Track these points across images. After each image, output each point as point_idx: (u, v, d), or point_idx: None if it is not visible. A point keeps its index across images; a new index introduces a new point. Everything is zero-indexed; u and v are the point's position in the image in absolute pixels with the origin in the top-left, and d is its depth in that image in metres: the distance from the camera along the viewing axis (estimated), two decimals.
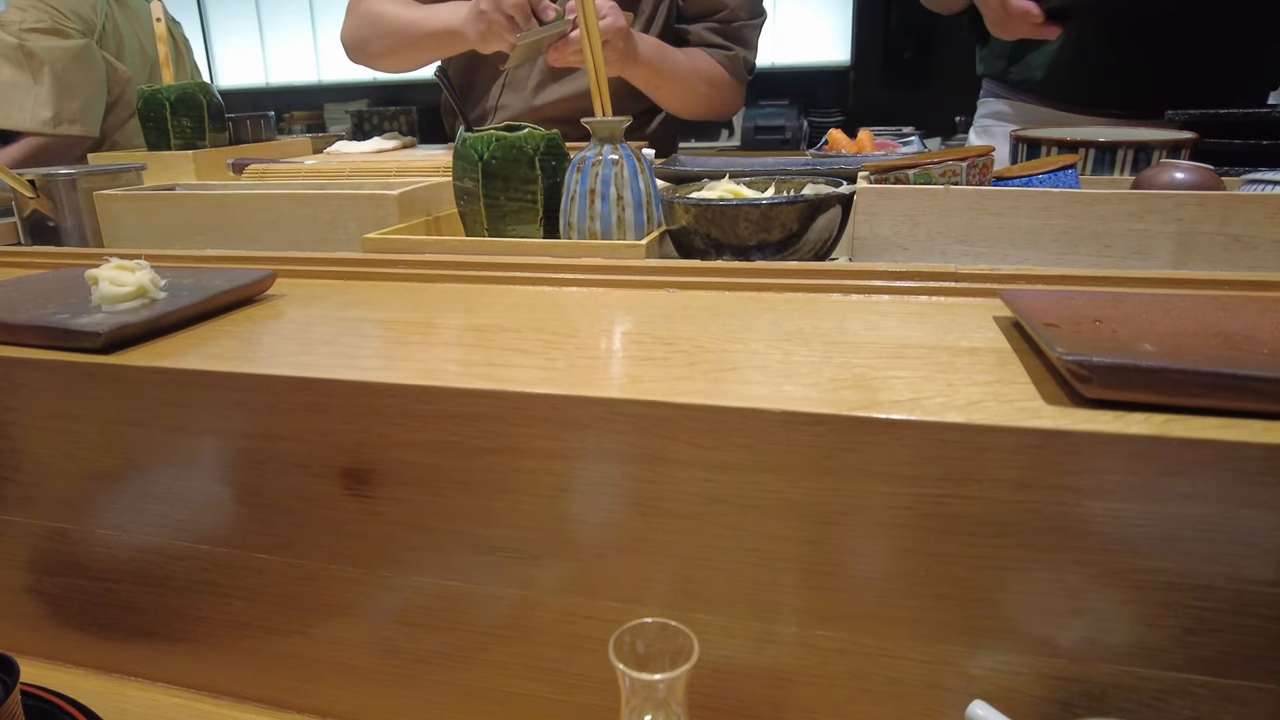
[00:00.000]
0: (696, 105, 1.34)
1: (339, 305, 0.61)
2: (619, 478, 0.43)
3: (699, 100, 1.33)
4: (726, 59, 1.32)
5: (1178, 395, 0.37)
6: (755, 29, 1.34)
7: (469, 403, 0.44)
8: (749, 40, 1.34)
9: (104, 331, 0.51)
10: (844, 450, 0.39)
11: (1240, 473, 0.35)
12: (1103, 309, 0.47)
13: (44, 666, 0.60)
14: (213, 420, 0.50)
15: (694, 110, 1.36)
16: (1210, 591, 0.37)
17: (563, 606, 0.47)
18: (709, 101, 1.34)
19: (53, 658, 0.60)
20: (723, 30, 1.32)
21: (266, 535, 0.51)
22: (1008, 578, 0.40)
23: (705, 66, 1.31)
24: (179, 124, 1.13)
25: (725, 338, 0.51)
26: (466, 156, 0.76)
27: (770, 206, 0.63)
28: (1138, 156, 0.73)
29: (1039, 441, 0.37)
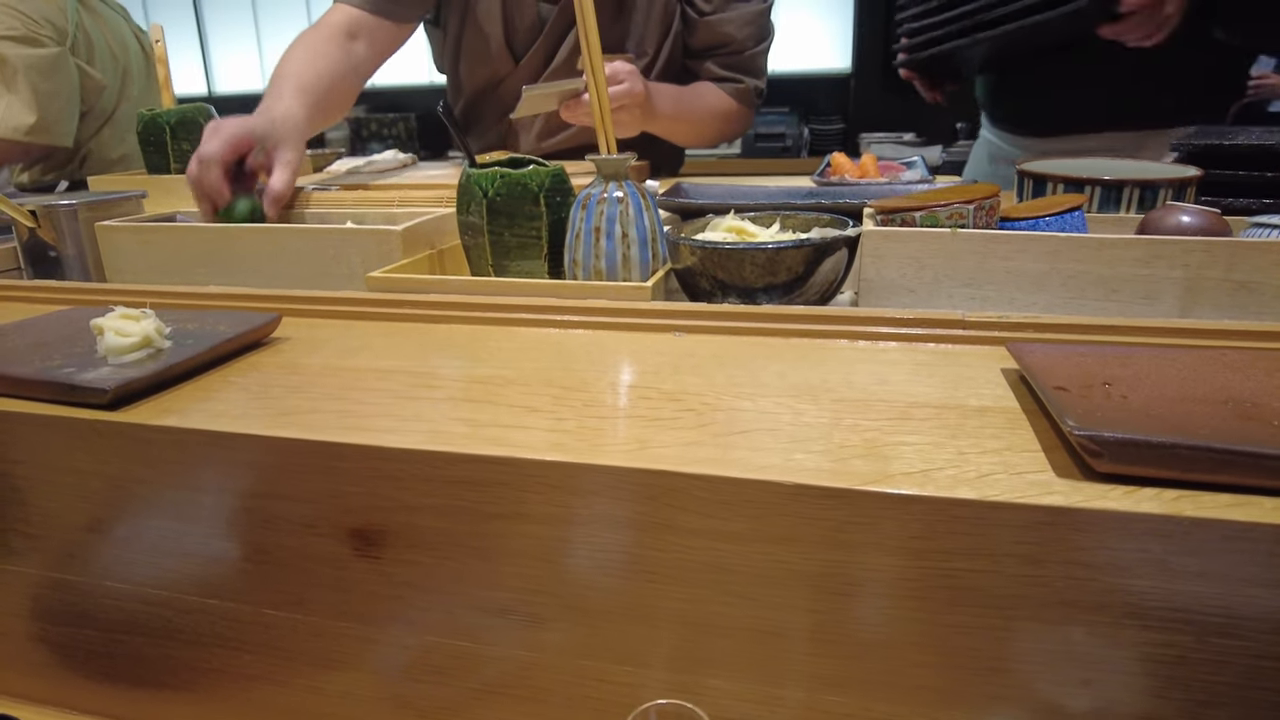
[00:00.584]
0: (709, 138, 1.35)
1: (344, 351, 0.61)
2: (627, 544, 0.43)
3: (712, 134, 1.34)
4: (737, 91, 1.32)
5: (1189, 471, 0.37)
6: (763, 54, 1.34)
7: (478, 468, 0.44)
8: (758, 68, 1.33)
9: (110, 388, 0.51)
10: (855, 524, 0.39)
11: (1252, 553, 0.35)
12: (1111, 368, 0.47)
13: (51, 714, 0.60)
14: (220, 479, 0.50)
15: (706, 142, 1.37)
16: (1221, 666, 0.38)
17: (570, 668, 0.47)
18: (721, 134, 1.35)
19: (60, 705, 0.60)
20: (730, 63, 1.31)
21: (275, 592, 0.51)
22: (1018, 648, 0.40)
23: (717, 103, 1.31)
24: (179, 148, 1.13)
25: (733, 393, 0.51)
26: (471, 193, 0.76)
27: (777, 251, 0.63)
28: (1144, 195, 0.73)
29: (1049, 518, 0.37)
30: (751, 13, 1.30)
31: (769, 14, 1.34)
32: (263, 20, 3.49)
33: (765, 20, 1.33)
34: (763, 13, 1.31)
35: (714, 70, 1.32)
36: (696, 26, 1.30)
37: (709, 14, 1.29)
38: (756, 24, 1.31)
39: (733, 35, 1.30)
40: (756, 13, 1.30)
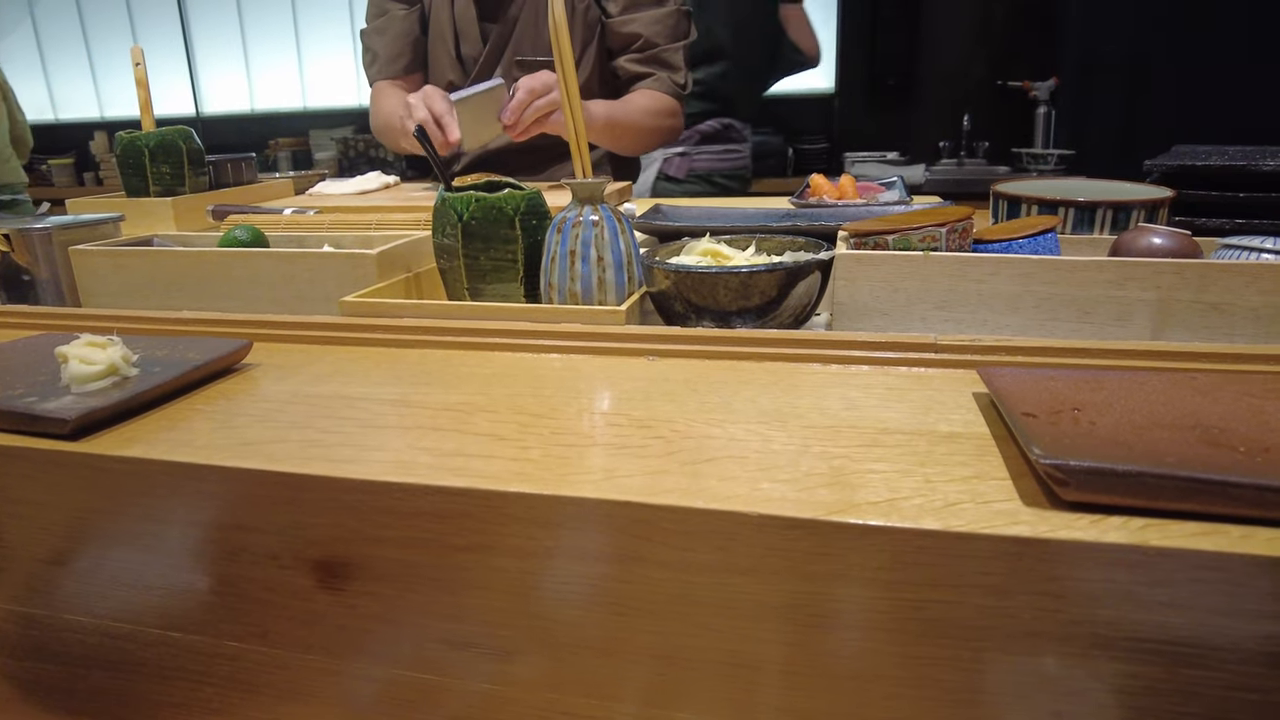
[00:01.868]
0: (651, 141, 1.45)
1: (314, 378, 0.60)
2: (593, 576, 0.43)
3: (651, 135, 1.43)
4: (656, 83, 1.41)
5: (1155, 499, 0.37)
6: (677, 51, 1.43)
7: (440, 500, 0.43)
8: (672, 63, 1.43)
9: (71, 418, 0.50)
10: (821, 555, 0.39)
11: (1218, 583, 0.35)
12: (1081, 393, 0.47)
13: None
14: (182, 510, 0.49)
15: (648, 146, 1.47)
16: (1190, 698, 0.37)
17: (537, 702, 0.46)
18: (660, 132, 1.44)
19: None
20: (643, 58, 1.42)
21: (239, 624, 0.50)
22: (988, 680, 0.39)
23: (646, 101, 1.40)
24: (158, 171, 1.12)
25: (704, 419, 0.50)
26: (446, 216, 0.75)
27: (750, 274, 0.63)
28: (1116, 216, 0.74)
29: (1016, 549, 0.37)
30: (660, 14, 1.41)
31: (683, 17, 1.44)
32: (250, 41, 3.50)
33: (678, 21, 1.43)
34: (672, 14, 1.42)
35: (630, 67, 1.43)
36: (608, 29, 1.42)
37: (615, 16, 1.41)
38: (665, 24, 1.41)
39: (640, 33, 1.40)
40: (665, 14, 1.41)
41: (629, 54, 1.43)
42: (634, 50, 1.43)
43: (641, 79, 1.43)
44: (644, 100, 1.41)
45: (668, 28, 1.42)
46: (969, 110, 2.76)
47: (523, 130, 1.19)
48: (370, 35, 1.48)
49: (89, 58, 3.70)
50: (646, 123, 1.41)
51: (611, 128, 1.34)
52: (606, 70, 1.47)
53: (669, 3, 1.42)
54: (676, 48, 1.43)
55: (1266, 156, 0.84)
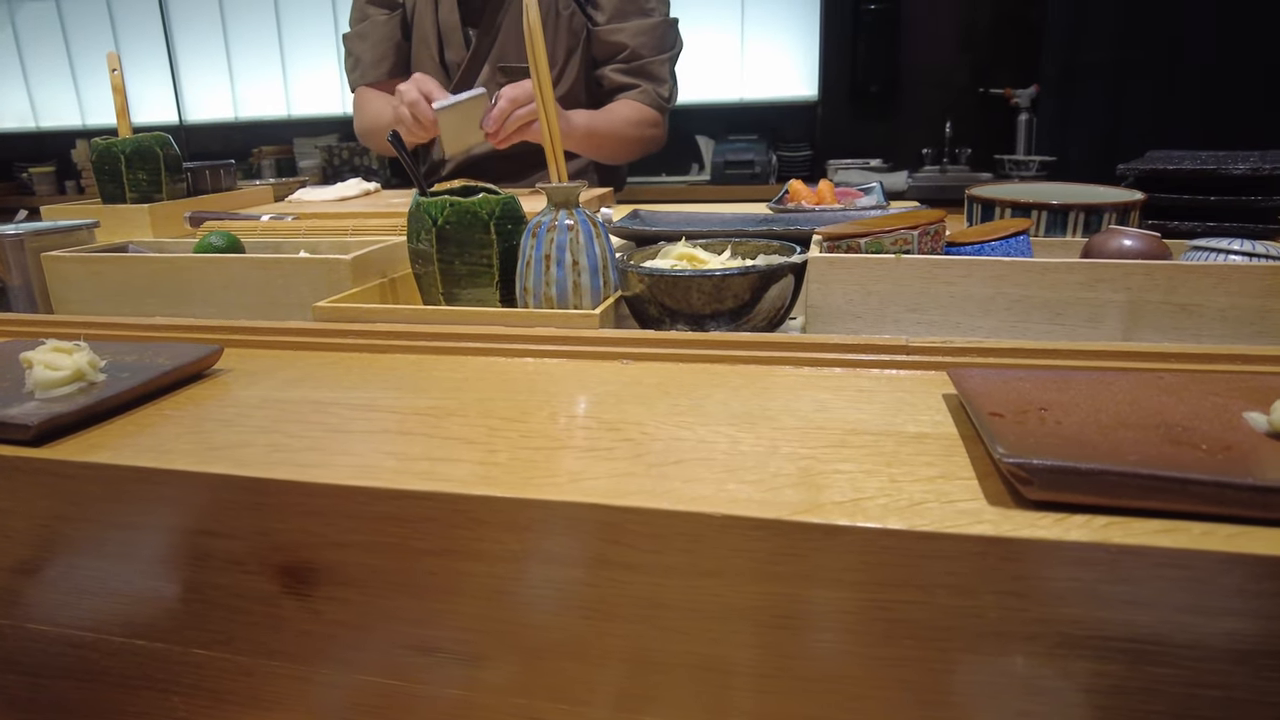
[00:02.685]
0: (632, 150, 1.44)
1: (283, 383, 0.60)
2: (560, 581, 0.42)
3: (634, 145, 1.43)
4: (640, 95, 1.41)
5: (1118, 497, 0.37)
6: (663, 63, 1.43)
7: (404, 504, 0.43)
8: (657, 74, 1.43)
9: (33, 424, 0.50)
10: (786, 555, 0.39)
11: (1180, 580, 0.35)
12: (1048, 393, 0.47)
13: None
14: (147, 516, 0.48)
15: (629, 156, 1.47)
16: (1155, 695, 0.37)
17: (506, 708, 0.45)
18: (641, 140, 1.43)
19: None
20: (629, 69, 1.42)
21: (204, 631, 0.50)
22: (954, 681, 0.39)
23: (629, 111, 1.41)
24: (134, 177, 1.11)
25: (674, 422, 0.50)
26: (421, 221, 0.75)
27: (723, 278, 0.63)
28: (1089, 219, 0.74)
29: (980, 548, 0.37)
30: (647, 24, 1.40)
31: (671, 27, 1.44)
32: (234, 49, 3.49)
33: (665, 32, 1.43)
34: (659, 25, 1.41)
35: (614, 77, 1.43)
36: (594, 38, 1.42)
37: (603, 24, 1.41)
38: (653, 35, 1.41)
39: (626, 44, 1.40)
40: (652, 25, 1.41)
41: (614, 64, 1.43)
42: (619, 60, 1.43)
43: (626, 90, 1.43)
44: (626, 110, 1.42)
45: (654, 39, 1.42)
46: (951, 117, 2.78)
47: (505, 138, 1.20)
48: (352, 40, 1.48)
49: (70, 65, 3.68)
50: (629, 132, 1.41)
51: (592, 136, 1.35)
52: (590, 79, 1.47)
53: (656, 13, 1.42)
54: (663, 59, 1.44)
55: (1237, 160, 0.84)
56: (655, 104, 1.43)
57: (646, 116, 1.43)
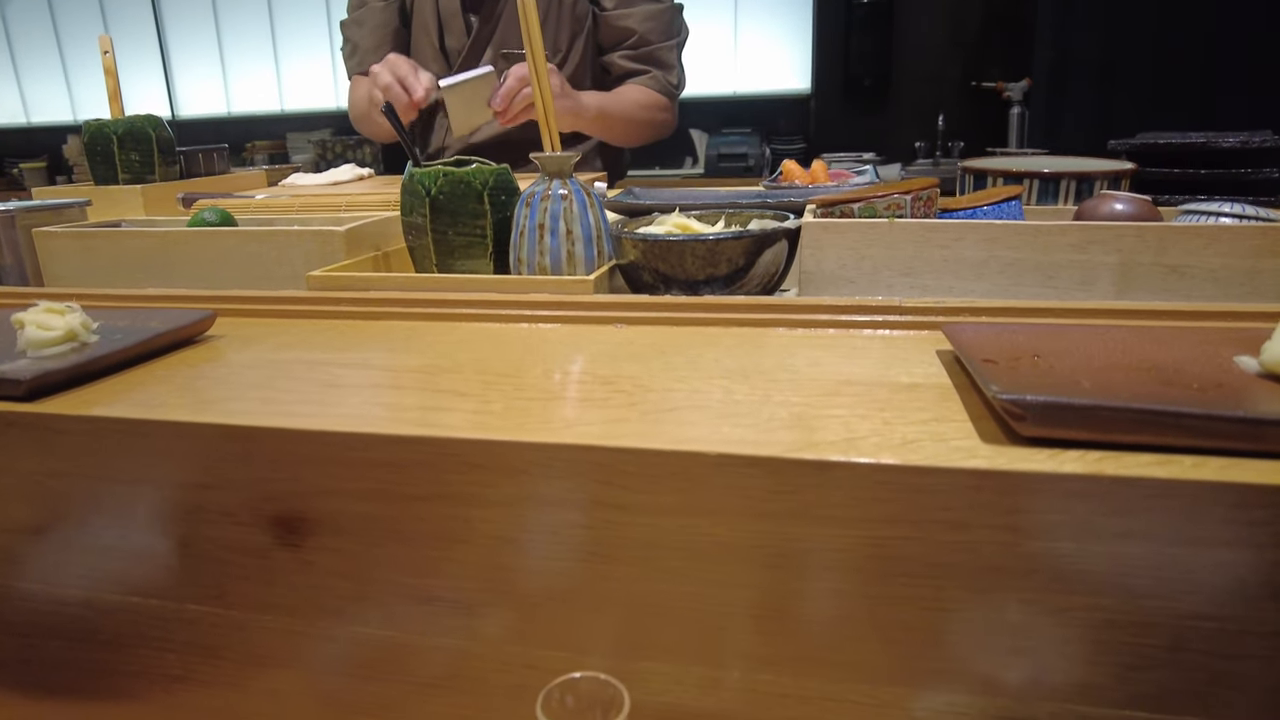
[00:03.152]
0: (641, 133, 1.44)
1: (277, 346, 0.60)
2: (556, 524, 0.42)
3: (644, 128, 1.42)
4: (650, 81, 1.40)
5: (1111, 432, 0.37)
6: (671, 49, 1.42)
7: (398, 450, 0.43)
8: (665, 61, 1.42)
9: (25, 379, 0.49)
10: (780, 493, 0.39)
11: (1172, 510, 0.35)
12: (1041, 343, 0.47)
13: None
14: (138, 470, 0.48)
15: (639, 138, 1.45)
16: (1149, 628, 0.37)
17: (502, 656, 0.45)
18: (651, 124, 1.43)
19: None
20: (636, 55, 1.41)
21: (197, 586, 0.50)
22: (949, 618, 0.39)
23: (638, 95, 1.40)
24: (127, 158, 1.11)
25: (668, 376, 0.50)
26: (414, 192, 0.75)
27: (717, 242, 0.63)
28: (1080, 187, 0.74)
29: (974, 482, 0.37)
30: (654, 10, 1.40)
31: (677, 13, 1.43)
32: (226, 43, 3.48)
33: (671, 17, 1.42)
34: (666, 10, 1.41)
35: (622, 64, 1.42)
36: (601, 23, 1.41)
37: (610, 10, 1.40)
38: (660, 20, 1.40)
39: (634, 29, 1.39)
40: (660, 10, 1.40)
41: (622, 50, 1.42)
42: (627, 46, 1.42)
43: (634, 76, 1.42)
44: (636, 93, 1.41)
45: (662, 24, 1.41)
46: (943, 111, 2.79)
47: (512, 117, 1.18)
48: (349, 26, 1.48)
49: (62, 60, 3.66)
50: (639, 115, 1.41)
51: (604, 118, 1.34)
52: (596, 65, 1.46)
53: None
54: (670, 45, 1.43)
55: (1226, 135, 0.85)
56: (665, 90, 1.43)
57: (656, 101, 1.42)
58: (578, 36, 1.41)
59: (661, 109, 1.43)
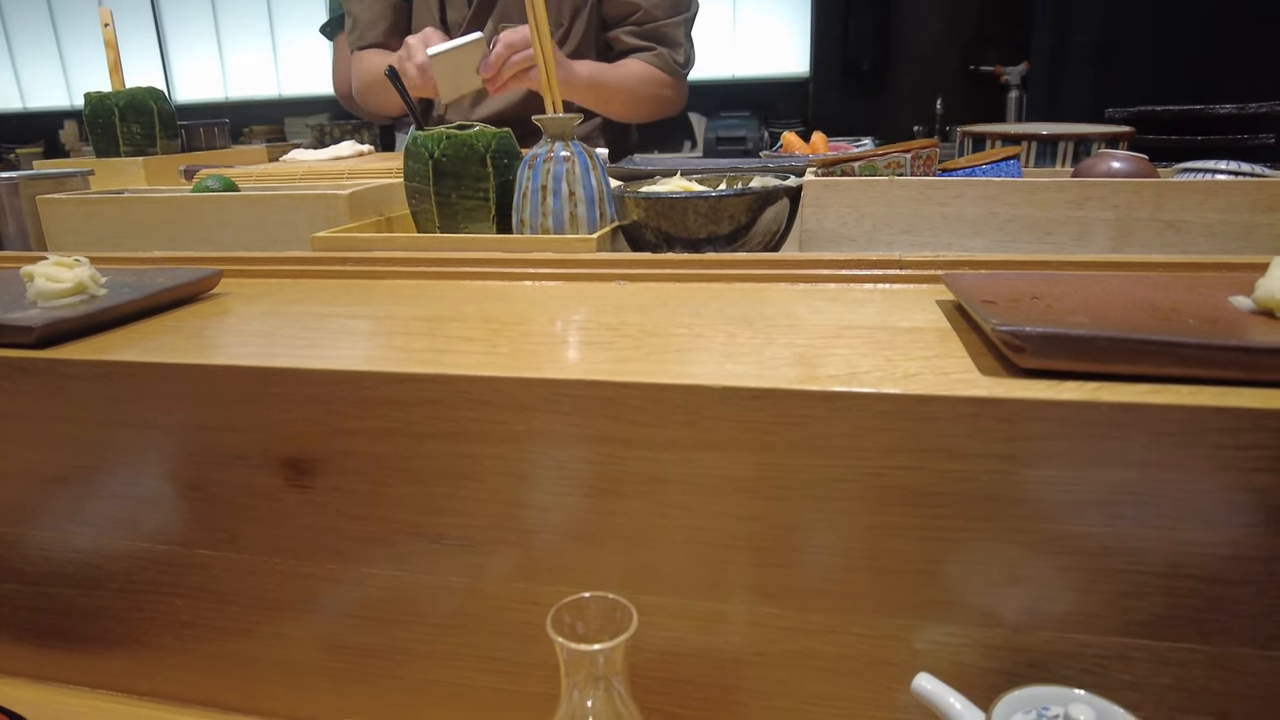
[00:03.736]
0: (642, 108, 1.39)
1: (283, 301, 0.61)
2: (563, 460, 0.43)
3: (645, 102, 1.38)
4: (654, 58, 1.36)
5: (1107, 362, 0.38)
6: (678, 25, 1.38)
7: (408, 388, 0.43)
8: (672, 38, 1.37)
9: (37, 326, 0.50)
10: (783, 424, 0.39)
11: (1166, 435, 0.36)
12: (1040, 287, 0.48)
13: None
14: (150, 414, 0.49)
15: (640, 114, 1.41)
16: (1143, 555, 0.38)
17: (510, 594, 0.46)
18: (655, 101, 1.39)
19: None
20: (640, 32, 1.36)
21: (208, 530, 0.50)
22: (948, 548, 0.40)
23: (640, 70, 1.36)
24: (129, 130, 1.11)
25: (672, 323, 0.51)
26: (417, 155, 0.76)
27: (719, 199, 0.64)
28: (1078, 149, 0.75)
29: (973, 410, 0.37)
30: None
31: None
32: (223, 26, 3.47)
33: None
34: None
35: (628, 40, 1.37)
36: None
37: None
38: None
39: (639, 4, 1.35)
40: None
41: (626, 26, 1.38)
42: (632, 22, 1.37)
43: (638, 53, 1.38)
44: (636, 67, 1.37)
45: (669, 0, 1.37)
46: (942, 95, 2.79)
47: (501, 84, 1.17)
48: (349, 1, 1.46)
49: (58, 45, 3.65)
50: (638, 89, 1.36)
51: (597, 88, 1.30)
52: (600, 41, 1.41)
53: None
54: (677, 22, 1.38)
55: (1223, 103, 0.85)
56: (669, 68, 1.38)
57: (656, 78, 1.38)
58: (581, 10, 1.37)
59: (663, 86, 1.40)
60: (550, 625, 0.32)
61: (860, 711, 0.44)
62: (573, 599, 0.34)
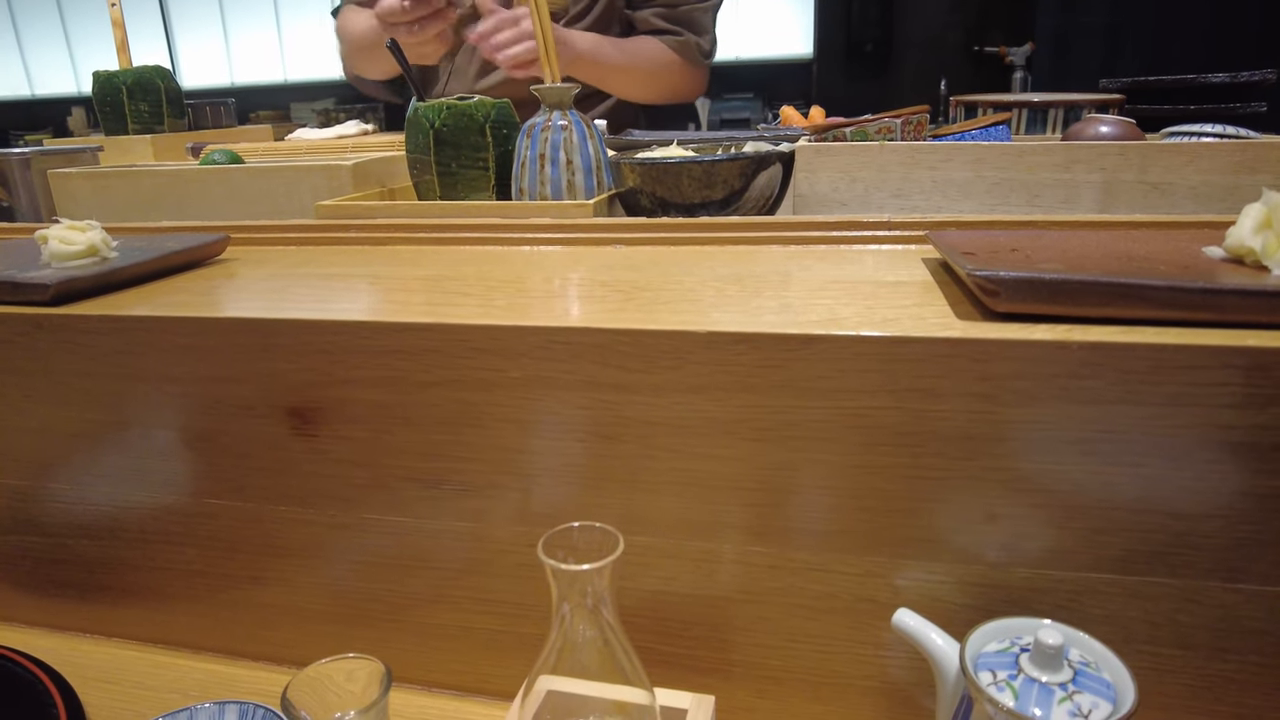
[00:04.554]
0: (649, 90, 1.35)
1: (289, 264, 0.62)
2: (557, 406, 0.45)
3: (651, 85, 1.33)
4: (677, 44, 1.31)
5: (1079, 305, 0.39)
6: (705, 11, 1.33)
7: (408, 336, 0.45)
8: (699, 23, 1.33)
9: (52, 283, 0.52)
10: (765, 367, 0.41)
11: (1134, 373, 0.37)
12: (1021, 241, 0.49)
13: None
14: (160, 366, 0.50)
15: (648, 95, 1.36)
16: (1114, 492, 0.40)
17: (508, 538, 0.48)
18: (665, 85, 1.34)
19: (4, 619, 0.61)
20: (669, 15, 1.32)
21: (217, 480, 0.52)
22: (928, 487, 0.41)
23: (652, 51, 1.31)
24: (136, 108, 1.13)
25: (663, 280, 0.52)
26: (418, 125, 0.77)
27: (713, 164, 0.65)
28: (1068, 116, 0.76)
29: (949, 351, 0.39)
30: None
31: None
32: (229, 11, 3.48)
33: None
34: None
35: (652, 22, 1.32)
36: None
37: None
38: None
39: None
40: None
41: (653, 8, 1.32)
42: (660, 4, 1.32)
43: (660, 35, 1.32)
44: (650, 49, 1.30)
45: None
46: (946, 76, 2.78)
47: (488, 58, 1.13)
48: None
49: (65, 32, 3.67)
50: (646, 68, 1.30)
51: (597, 65, 1.24)
52: (623, 20, 1.35)
53: None
54: (705, 7, 1.33)
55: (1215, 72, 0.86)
56: (691, 55, 1.33)
57: (671, 61, 1.32)
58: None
59: (678, 69, 1.34)
60: (541, 550, 0.34)
61: (842, 649, 0.46)
62: (562, 528, 0.36)
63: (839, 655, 0.46)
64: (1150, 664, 0.42)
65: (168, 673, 0.56)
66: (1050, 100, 0.76)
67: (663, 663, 0.48)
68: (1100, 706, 0.34)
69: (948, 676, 0.40)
